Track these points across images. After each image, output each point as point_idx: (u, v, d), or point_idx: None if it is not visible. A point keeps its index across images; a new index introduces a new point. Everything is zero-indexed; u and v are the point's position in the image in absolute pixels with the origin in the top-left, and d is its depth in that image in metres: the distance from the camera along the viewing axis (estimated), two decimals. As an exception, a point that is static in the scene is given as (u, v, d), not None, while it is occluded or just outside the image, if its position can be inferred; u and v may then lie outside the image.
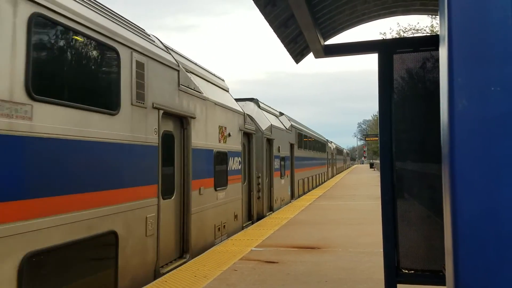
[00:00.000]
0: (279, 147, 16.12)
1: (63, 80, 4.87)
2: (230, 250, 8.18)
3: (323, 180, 32.53)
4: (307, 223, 11.66)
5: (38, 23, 4.33)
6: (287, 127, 18.40)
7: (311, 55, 5.77)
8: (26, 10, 4.16)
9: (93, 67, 5.37)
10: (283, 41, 5.36)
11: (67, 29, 4.78)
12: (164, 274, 6.57)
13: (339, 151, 60.16)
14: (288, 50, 5.67)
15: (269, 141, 14.66)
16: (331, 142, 47.41)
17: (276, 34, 5.12)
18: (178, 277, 6.31)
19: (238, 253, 7.86)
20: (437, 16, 20.47)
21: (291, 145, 19.18)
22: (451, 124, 1.47)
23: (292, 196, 18.99)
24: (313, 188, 25.62)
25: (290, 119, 20.21)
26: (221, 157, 9.79)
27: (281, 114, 19.21)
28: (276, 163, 15.62)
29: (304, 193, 22.03)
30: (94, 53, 5.36)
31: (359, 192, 21.95)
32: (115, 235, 5.44)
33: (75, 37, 4.94)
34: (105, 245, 5.39)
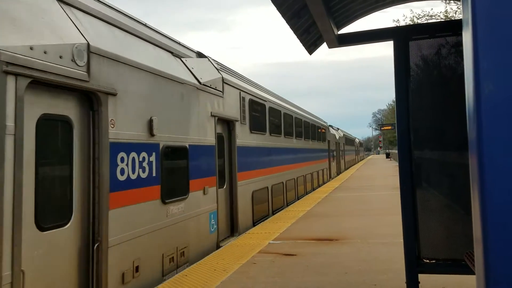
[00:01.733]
0: (340, 145, 37.71)
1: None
2: (248, 243, 8.21)
3: (355, 163, 41.74)
4: (324, 215, 11.62)
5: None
6: (341, 135, 35.57)
7: (324, 45, 5.71)
8: None
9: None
10: (295, 32, 5.30)
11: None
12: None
13: (360, 143, 64.23)
14: (301, 41, 5.61)
15: (338, 144, 33.21)
16: (337, 129, 38.23)
17: (289, 25, 5.06)
18: (198, 271, 6.36)
19: (256, 247, 7.88)
20: (451, 1, 20.04)
21: (343, 144, 31.10)
22: (477, 109, 1.42)
23: (345, 168, 39.62)
24: (349, 167, 36.77)
25: (342, 131, 36.88)
26: (332, 151, 23.26)
27: (338, 129, 31.86)
28: (339, 153, 36.12)
29: (346, 169, 38.15)
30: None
31: (376, 183, 21.78)
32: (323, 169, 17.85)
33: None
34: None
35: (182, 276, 6.15)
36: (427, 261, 4.55)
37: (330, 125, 28.51)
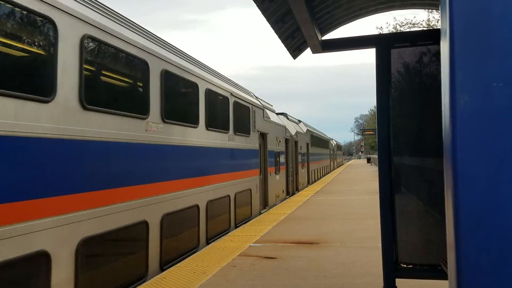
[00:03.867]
0: (300, 146, 22.42)
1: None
2: (228, 246, 8.19)
3: (328, 171, 39.95)
4: (305, 218, 11.68)
5: None
6: (304, 132, 25.02)
7: (308, 50, 5.76)
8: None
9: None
10: (280, 36, 5.34)
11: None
12: (261, 213, 12.90)
13: (338, 147, 68.01)
14: (286, 46, 5.65)
15: (295, 143, 20.79)
16: (332, 139, 51.87)
17: (274, 29, 5.10)
18: (177, 274, 6.31)
19: (236, 249, 7.87)
20: (433, 11, 20.48)
21: (307, 144, 25.45)
22: (452, 119, 1.46)
23: (308, 182, 25.81)
24: (321, 177, 32.23)
25: (306, 124, 27.61)
26: (278, 155, 16.14)
27: (299, 121, 26.03)
28: (300, 158, 22.32)
29: (315, 180, 28.92)
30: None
31: (357, 187, 21.99)
32: (250, 191, 12.18)
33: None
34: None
35: (160, 278, 6.09)
36: (405, 265, 4.61)
37: (283, 113, 20.98)
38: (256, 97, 14.27)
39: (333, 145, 50.55)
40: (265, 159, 14.17)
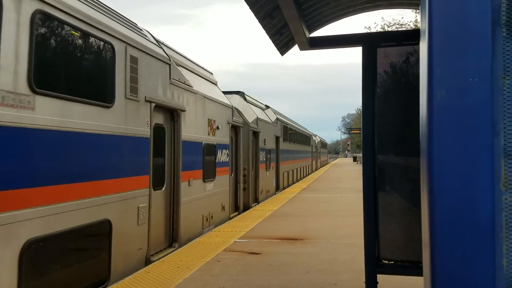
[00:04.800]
0: (264, 140, 16.32)
1: None
2: (213, 241, 8.19)
3: (307, 173, 32.77)
4: (290, 215, 11.73)
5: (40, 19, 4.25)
6: (272, 120, 18.53)
7: (296, 47, 5.77)
8: (30, 8, 4.22)
9: None
10: (268, 32, 5.34)
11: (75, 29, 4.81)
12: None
13: (323, 144, 60.36)
14: (273, 42, 5.65)
15: (255, 134, 14.92)
16: (316, 135, 46.55)
17: (261, 25, 5.09)
18: (161, 268, 6.30)
19: (221, 244, 7.88)
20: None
21: (277, 138, 19.44)
22: (429, 114, 1.49)
23: (277, 188, 19.32)
24: (297, 181, 25.79)
25: (275, 112, 20.44)
26: (211, 150, 10.06)
27: (267, 107, 19.30)
28: (262, 156, 15.88)
29: (289, 185, 22.33)
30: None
31: (342, 185, 22.16)
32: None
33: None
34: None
35: (144, 272, 6.07)
36: (386, 262, 4.67)
37: (239, 92, 15.34)
38: (156, 39, 7.84)
39: (316, 142, 43.57)
40: (174, 156, 7.96)
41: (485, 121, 1.43)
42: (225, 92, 12.76)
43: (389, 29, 22.10)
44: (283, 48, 5.96)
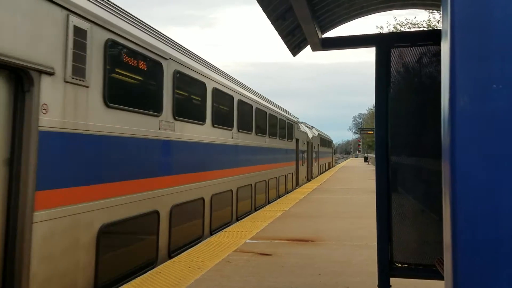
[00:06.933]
0: (314, 146, 29.89)
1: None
2: (224, 241, 8.20)
3: (330, 166, 39.92)
4: (301, 215, 11.69)
5: None
6: (316, 135, 31.35)
7: (308, 47, 5.75)
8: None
9: None
10: (280, 33, 5.33)
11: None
12: (302, 185, 21.90)
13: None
14: (286, 43, 5.64)
15: (312, 144, 28.62)
16: (312, 127, 32.87)
17: (274, 26, 5.08)
18: (172, 268, 6.32)
19: (232, 245, 7.88)
20: (434, 11, 20.49)
21: (318, 145, 32.81)
22: (452, 120, 1.46)
23: (318, 173, 32.42)
24: (326, 170, 40.32)
25: (317, 130, 33.80)
26: (303, 153, 22.88)
27: (312, 127, 32.09)
28: (313, 155, 29.22)
29: (323, 172, 37.50)
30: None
31: (353, 186, 22.05)
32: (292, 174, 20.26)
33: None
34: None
35: (156, 272, 6.10)
36: (399, 265, 4.63)
37: (302, 122, 24.10)
38: (294, 116, 21.70)
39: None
40: (297, 155, 22.35)
41: (509, 129, 1.40)
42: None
43: (402, 29, 21.97)
44: (295, 49, 5.94)
